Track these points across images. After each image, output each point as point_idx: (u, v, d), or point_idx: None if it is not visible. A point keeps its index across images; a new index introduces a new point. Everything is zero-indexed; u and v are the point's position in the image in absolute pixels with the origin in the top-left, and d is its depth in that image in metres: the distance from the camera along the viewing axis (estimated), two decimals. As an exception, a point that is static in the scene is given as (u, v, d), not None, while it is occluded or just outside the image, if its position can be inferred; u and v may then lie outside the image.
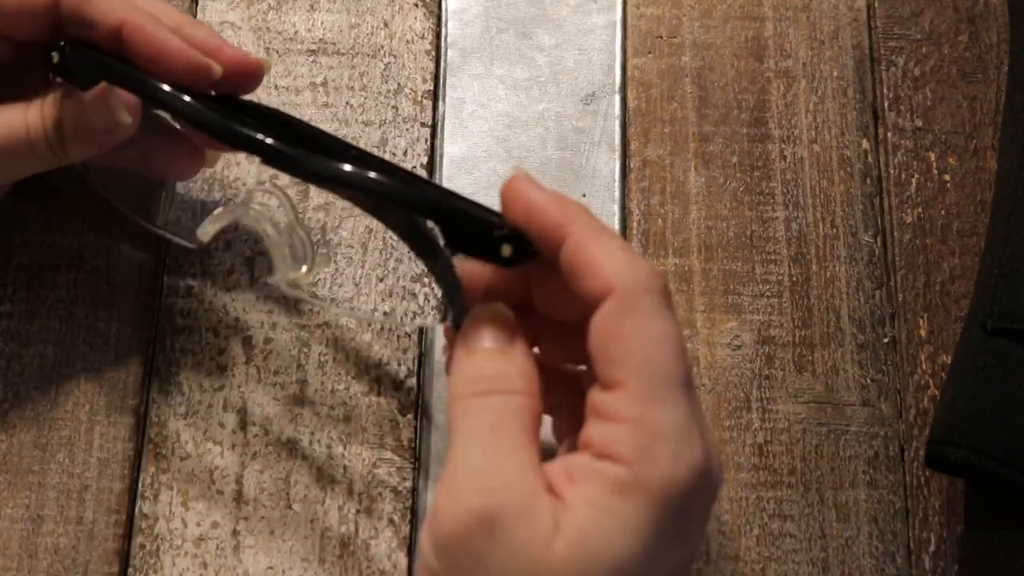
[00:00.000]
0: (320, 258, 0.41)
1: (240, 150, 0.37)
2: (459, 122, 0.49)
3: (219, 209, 0.40)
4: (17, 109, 0.39)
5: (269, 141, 0.36)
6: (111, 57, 0.39)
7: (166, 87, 0.38)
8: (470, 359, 0.34)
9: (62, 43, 0.40)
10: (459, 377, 0.33)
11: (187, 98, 0.38)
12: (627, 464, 0.30)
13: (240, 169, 0.47)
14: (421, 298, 0.46)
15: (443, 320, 0.44)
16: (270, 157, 0.36)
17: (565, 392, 0.37)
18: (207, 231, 0.40)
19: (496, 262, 0.34)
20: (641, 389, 0.31)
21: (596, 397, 0.32)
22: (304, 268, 0.40)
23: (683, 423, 0.31)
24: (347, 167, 0.35)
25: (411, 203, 0.35)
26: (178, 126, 0.44)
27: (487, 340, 0.34)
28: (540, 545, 0.30)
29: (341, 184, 0.35)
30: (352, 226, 0.46)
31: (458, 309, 0.35)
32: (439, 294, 0.45)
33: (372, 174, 0.34)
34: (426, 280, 0.46)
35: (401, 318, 0.45)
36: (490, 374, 0.33)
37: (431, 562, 0.31)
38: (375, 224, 0.46)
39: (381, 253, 0.46)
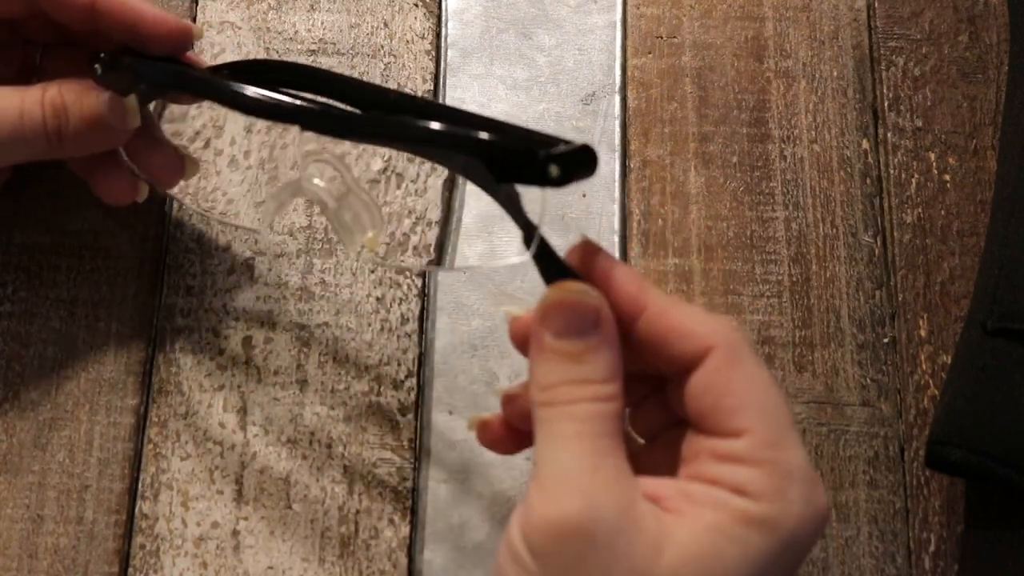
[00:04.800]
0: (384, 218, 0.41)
1: (284, 122, 0.37)
2: (459, 122, 0.49)
3: (274, 188, 0.39)
4: (11, 93, 0.39)
5: (315, 107, 0.36)
6: (159, 61, 0.40)
7: (241, 87, 0.38)
8: (552, 360, 0.32)
9: (102, 54, 0.39)
10: (542, 380, 0.32)
11: (249, 90, 0.38)
12: (762, 502, 0.30)
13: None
14: (404, 287, 0.46)
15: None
16: (316, 125, 0.36)
17: (648, 387, 0.36)
18: (268, 211, 0.40)
19: (547, 184, 0.32)
20: (767, 435, 0.31)
21: (717, 444, 0.31)
22: (371, 232, 0.39)
23: (808, 466, 0.31)
24: (386, 121, 0.35)
25: (447, 144, 0.34)
26: (168, 136, 0.44)
27: (570, 335, 0.32)
28: (647, 555, 0.29)
29: (383, 139, 0.36)
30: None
31: (539, 246, 0.34)
32: (418, 283, 0.45)
33: (419, 122, 0.34)
34: (407, 273, 0.46)
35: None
36: (583, 378, 0.32)
37: (527, 563, 0.30)
38: None
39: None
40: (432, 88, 0.49)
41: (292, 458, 0.43)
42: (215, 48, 0.49)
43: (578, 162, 0.32)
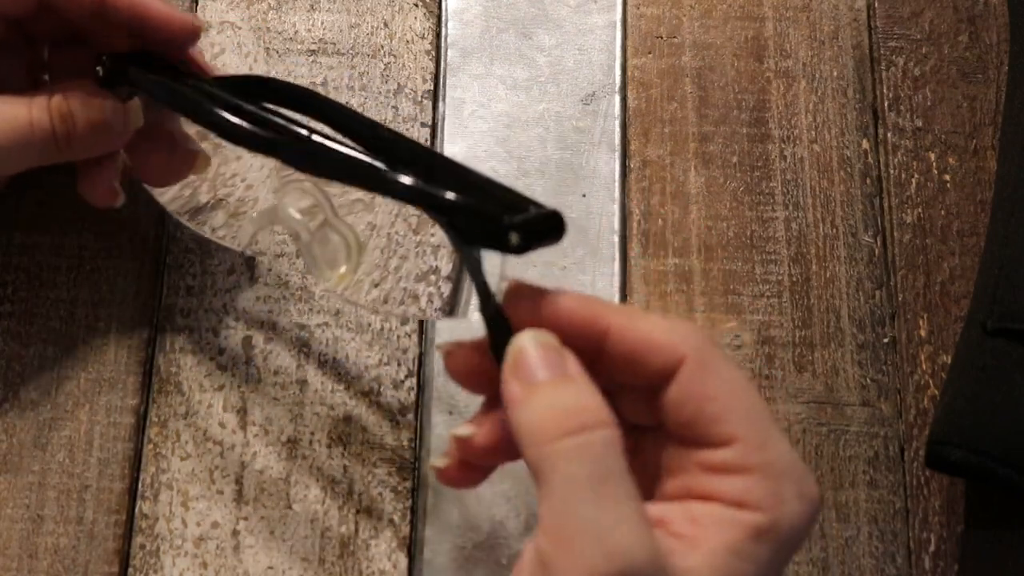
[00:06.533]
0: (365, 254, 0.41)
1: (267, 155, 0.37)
2: (459, 122, 0.49)
3: (254, 212, 0.40)
4: (20, 103, 0.39)
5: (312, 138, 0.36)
6: (164, 75, 0.40)
7: (225, 114, 0.38)
8: (540, 393, 0.31)
9: (104, 58, 0.40)
10: (537, 415, 0.30)
11: (240, 121, 0.37)
12: (763, 510, 0.30)
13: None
14: (424, 299, 0.45)
15: (449, 314, 0.44)
16: (292, 159, 0.36)
17: None
18: (245, 233, 0.40)
19: (506, 251, 0.32)
20: (754, 439, 0.31)
21: (707, 456, 0.31)
22: (343, 268, 0.39)
23: (796, 459, 0.31)
24: (366, 164, 0.35)
25: (415, 201, 0.34)
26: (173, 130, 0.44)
27: (546, 370, 0.31)
28: None
29: (357, 184, 0.35)
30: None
31: (490, 309, 0.33)
32: (443, 293, 0.45)
33: (393, 175, 0.34)
34: (432, 278, 0.46)
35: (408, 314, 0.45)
36: (572, 406, 0.30)
37: None
38: (378, 220, 0.46)
39: (382, 252, 0.46)
40: (432, 88, 0.49)
41: (292, 458, 0.43)
42: (215, 48, 0.49)
43: (542, 230, 0.32)
